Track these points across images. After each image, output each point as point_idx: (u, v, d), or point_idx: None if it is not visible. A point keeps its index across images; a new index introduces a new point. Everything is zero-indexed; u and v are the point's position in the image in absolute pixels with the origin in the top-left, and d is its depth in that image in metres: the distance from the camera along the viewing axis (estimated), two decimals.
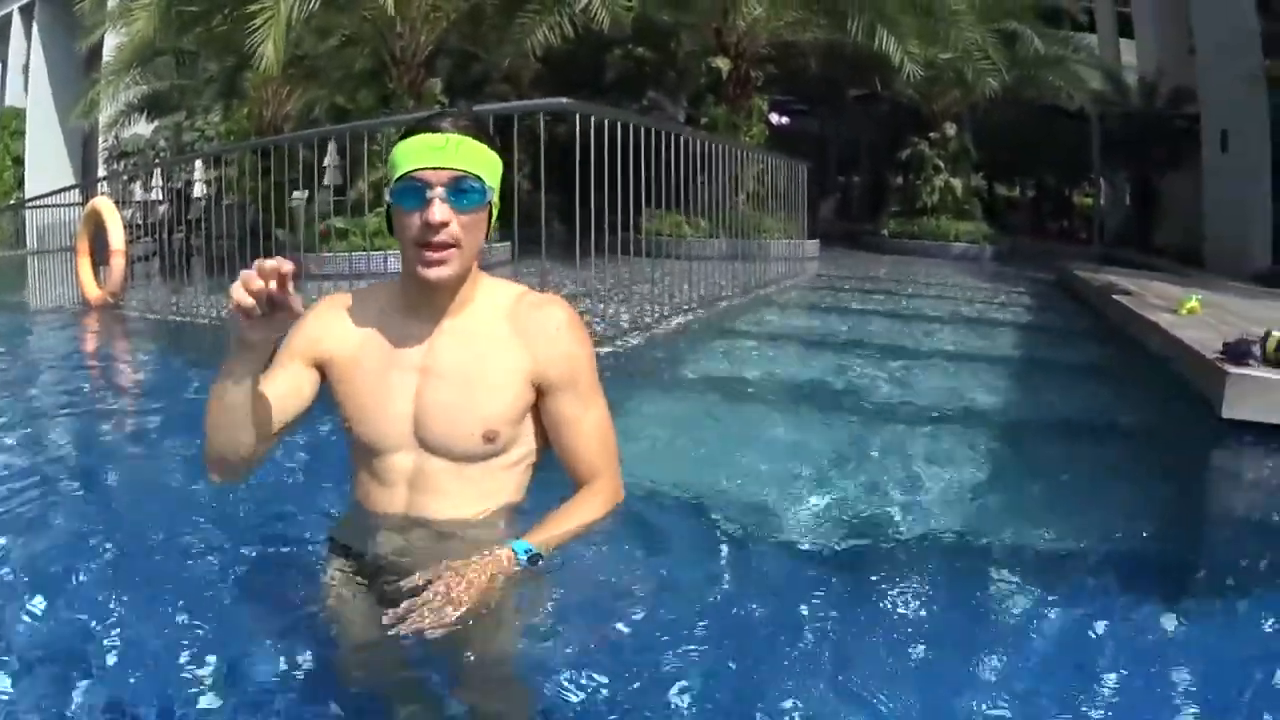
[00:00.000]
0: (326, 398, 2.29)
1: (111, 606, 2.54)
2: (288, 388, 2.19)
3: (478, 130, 2.12)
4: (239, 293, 1.76)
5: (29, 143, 53.27)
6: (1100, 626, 2.61)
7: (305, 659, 2.15)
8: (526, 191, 14.29)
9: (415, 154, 2.07)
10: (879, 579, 2.94)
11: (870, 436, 5.01)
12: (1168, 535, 3.73)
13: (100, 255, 12.91)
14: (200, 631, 2.33)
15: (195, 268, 13.98)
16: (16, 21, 59.40)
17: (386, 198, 2.15)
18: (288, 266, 1.77)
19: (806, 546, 3.24)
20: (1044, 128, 29.02)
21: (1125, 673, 2.39)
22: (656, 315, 8.88)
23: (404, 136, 2.13)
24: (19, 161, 52.44)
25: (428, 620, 1.85)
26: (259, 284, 1.76)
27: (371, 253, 11.77)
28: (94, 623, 2.43)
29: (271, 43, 13.20)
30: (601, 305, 9.17)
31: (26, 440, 5.01)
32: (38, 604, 2.54)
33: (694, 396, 6.15)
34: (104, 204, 13.17)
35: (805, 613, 2.61)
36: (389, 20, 14.78)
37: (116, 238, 12.25)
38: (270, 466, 2.79)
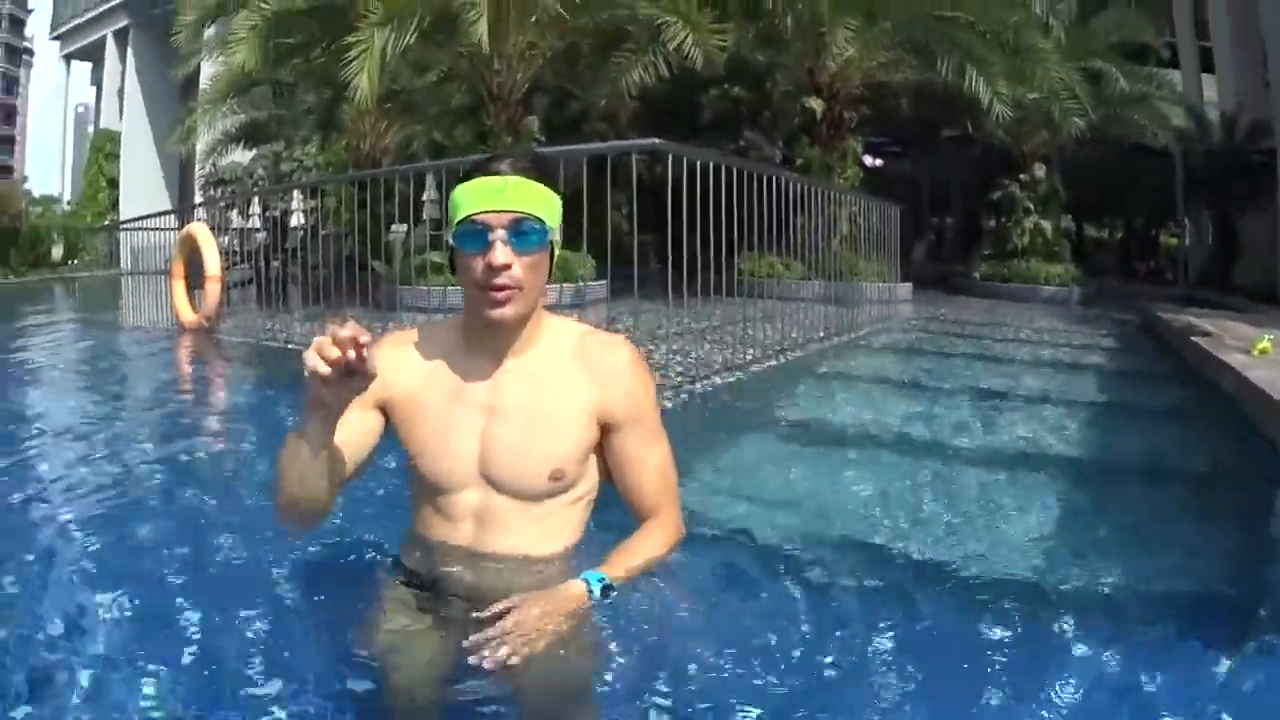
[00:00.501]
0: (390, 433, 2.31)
1: (183, 615, 2.66)
2: (357, 432, 2.18)
3: (537, 171, 2.14)
4: (313, 360, 1.76)
5: (124, 166, 54.54)
6: (1168, 668, 2.60)
7: (361, 681, 2.17)
8: (624, 231, 14.46)
9: (476, 197, 2.09)
10: (956, 619, 2.98)
11: (953, 478, 5.00)
12: (1234, 579, 3.64)
13: (195, 279, 13.18)
14: (261, 644, 2.43)
15: (292, 295, 14.15)
16: (111, 46, 60.94)
17: (448, 240, 2.16)
18: (365, 337, 1.76)
19: (883, 586, 3.22)
20: (1130, 167, 28.76)
21: (1188, 715, 2.39)
22: (749, 357, 8.84)
23: (464, 179, 2.15)
24: (114, 184, 53.71)
25: (503, 651, 1.87)
26: (335, 353, 1.74)
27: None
28: (165, 629, 2.57)
29: (365, 75, 13.43)
30: (695, 345, 9.20)
31: (118, 450, 5.29)
32: (115, 608, 2.70)
33: (782, 437, 6.15)
34: (200, 230, 13.41)
35: (880, 651, 2.62)
36: (485, 57, 14.90)
37: (212, 263, 12.48)
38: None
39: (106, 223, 48.87)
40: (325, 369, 1.75)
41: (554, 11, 13.87)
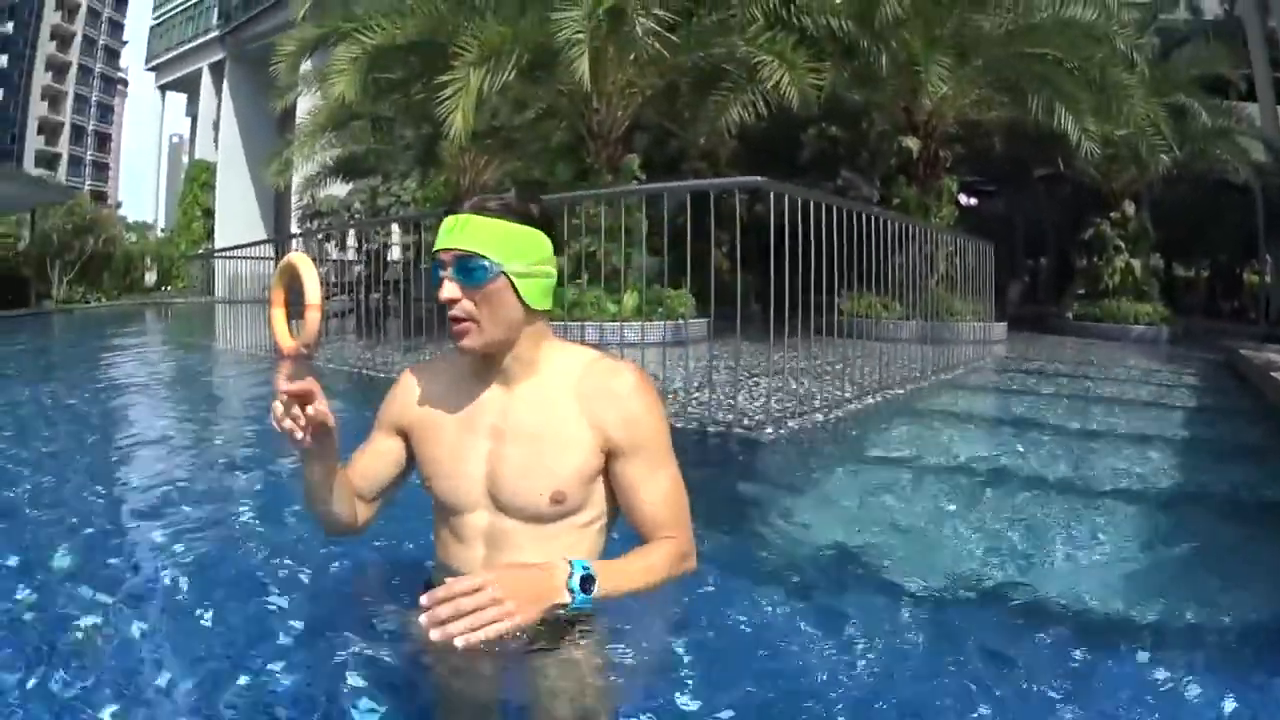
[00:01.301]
0: None
1: (257, 625, 2.99)
2: (378, 458, 2.40)
3: (501, 209, 2.19)
4: (286, 425, 1.98)
5: (219, 195, 55.86)
6: (1248, 697, 2.73)
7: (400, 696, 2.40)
8: (725, 270, 14.58)
9: (439, 235, 2.22)
10: (1041, 648, 3.11)
11: (1044, 511, 5.19)
12: None
13: (293, 308, 13.50)
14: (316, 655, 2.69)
15: (390, 327, 14.45)
16: (206, 78, 62.53)
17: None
18: (298, 388, 1.93)
19: (973, 613, 3.44)
20: (1213, 204, 28.44)
21: None
22: (849, 394, 9.00)
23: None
24: (209, 213, 55.05)
25: (455, 629, 1.81)
26: (288, 424, 1.97)
27: (569, 323, 12.02)
28: (242, 637, 2.87)
29: (461, 112, 13.65)
30: (795, 383, 9.37)
31: (217, 463, 5.89)
32: (199, 622, 3.00)
33: (882, 471, 6.33)
34: (301, 259, 13.65)
35: (968, 677, 2.82)
36: (584, 95, 15.13)
37: (313, 293, 12.75)
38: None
39: (201, 250, 49.88)
40: (299, 434, 1.99)
41: (652, 51, 14.05)
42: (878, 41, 16.54)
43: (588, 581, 1.99)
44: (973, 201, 28.38)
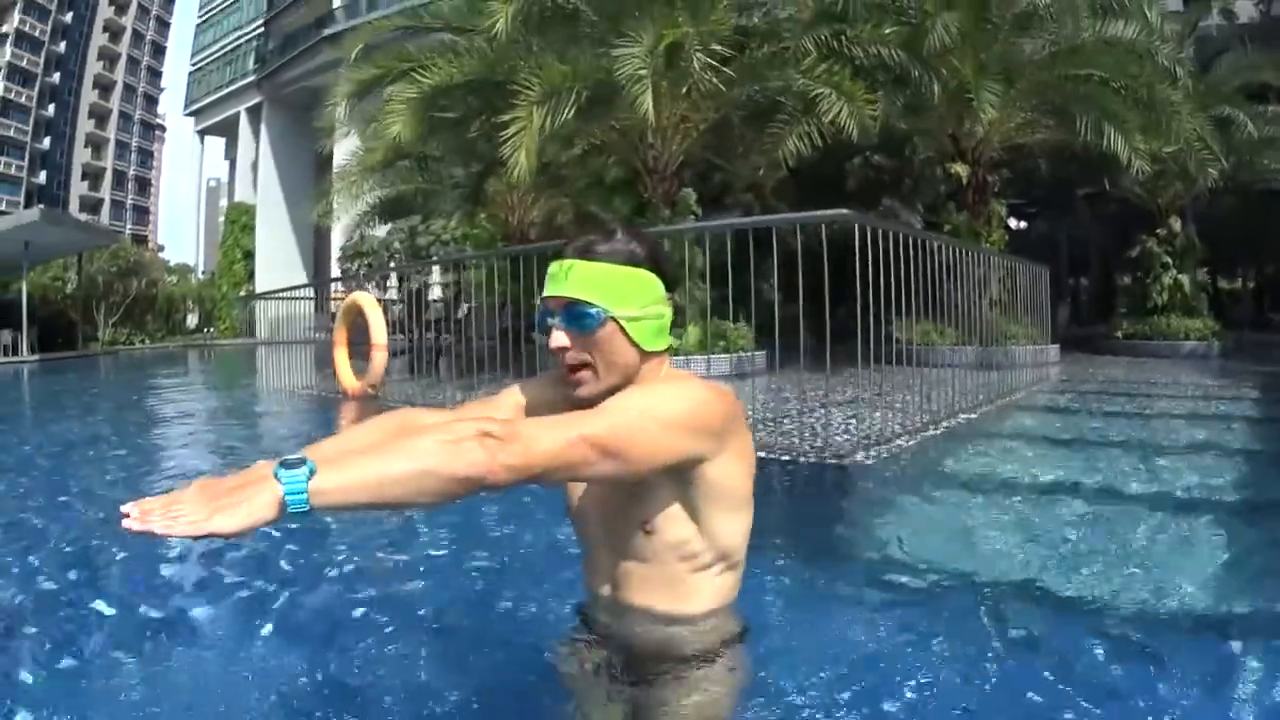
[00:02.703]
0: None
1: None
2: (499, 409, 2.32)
3: (608, 253, 2.16)
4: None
5: (259, 238, 56.49)
6: None
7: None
8: (780, 302, 14.55)
9: (546, 281, 2.18)
10: (1116, 650, 3.31)
11: (1122, 523, 5.42)
12: None
13: (355, 348, 13.68)
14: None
15: (441, 365, 14.55)
16: (244, 122, 63.37)
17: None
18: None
19: (1060, 622, 3.69)
20: (1260, 213, 28.18)
21: None
22: (923, 421, 9.10)
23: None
24: (249, 255, 55.65)
25: (156, 522, 1.57)
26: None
27: None
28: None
29: (524, 151, 13.69)
30: (866, 412, 9.49)
31: None
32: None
33: (976, 495, 6.53)
34: (365, 299, 13.83)
35: (1049, 681, 3.01)
36: (640, 130, 15.32)
37: (379, 333, 12.91)
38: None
39: (243, 293, 50.44)
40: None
41: (708, 85, 14.19)
42: (927, 69, 16.65)
43: (296, 464, 1.64)
44: (1022, 225, 28.34)
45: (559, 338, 2.13)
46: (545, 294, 2.17)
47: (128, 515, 1.58)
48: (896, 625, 3.58)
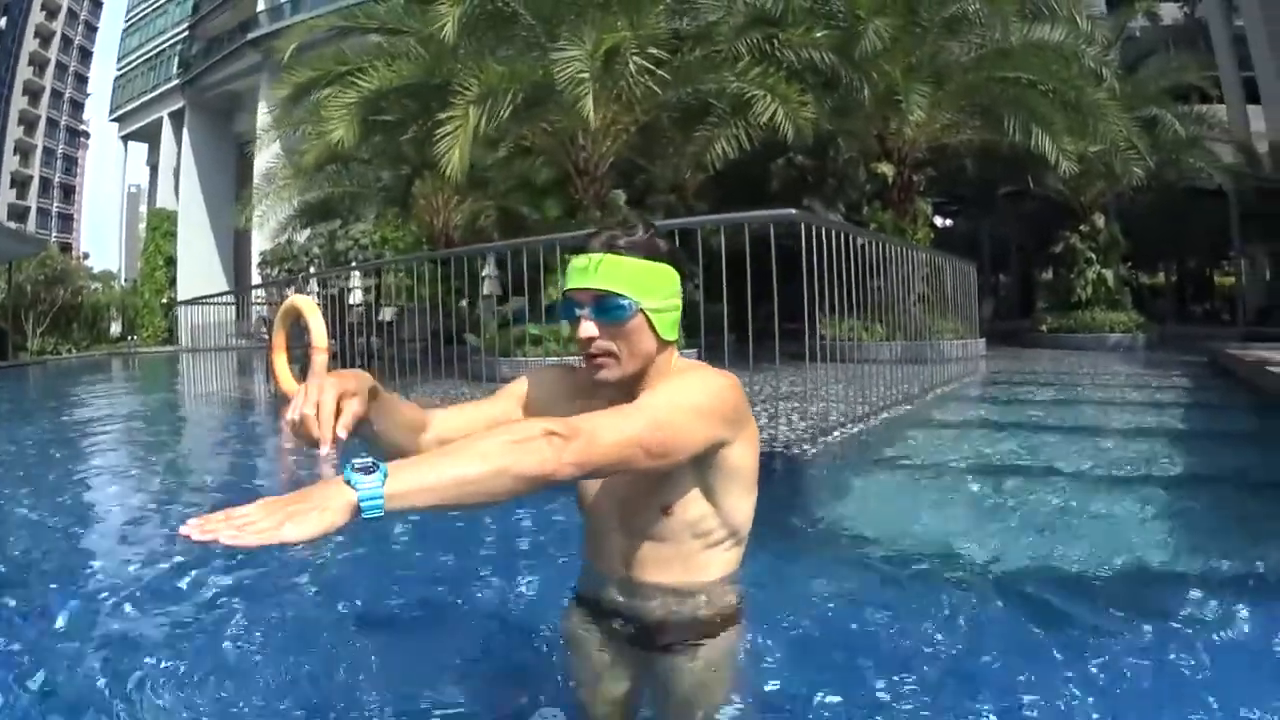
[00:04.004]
0: None
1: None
2: (498, 414, 2.35)
3: (630, 247, 2.24)
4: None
5: (180, 244, 55.69)
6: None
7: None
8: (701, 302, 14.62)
9: (571, 274, 2.25)
10: (1042, 612, 3.50)
11: (1063, 499, 5.68)
12: None
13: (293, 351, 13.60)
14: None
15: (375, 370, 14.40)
16: (167, 127, 62.41)
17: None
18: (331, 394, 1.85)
19: (996, 589, 3.88)
20: (1183, 210, 28.82)
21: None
22: (863, 413, 9.19)
23: (575, 252, 2.30)
24: (171, 261, 54.83)
25: (222, 532, 1.54)
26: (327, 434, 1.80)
27: (567, 358, 11.80)
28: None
29: (458, 150, 13.61)
30: (805, 406, 9.50)
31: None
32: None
33: (895, 479, 6.92)
34: (305, 302, 13.67)
35: (1001, 647, 3.14)
36: (572, 132, 15.30)
37: (320, 336, 12.82)
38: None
39: (165, 300, 49.92)
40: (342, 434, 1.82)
41: (643, 88, 14.19)
42: (858, 72, 16.86)
43: (369, 469, 1.65)
44: (948, 223, 28.66)
45: (588, 328, 2.20)
46: (572, 286, 2.24)
47: (187, 533, 1.54)
48: (853, 599, 3.72)
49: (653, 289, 2.26)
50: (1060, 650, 3.06)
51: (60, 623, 3.50)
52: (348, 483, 1.62)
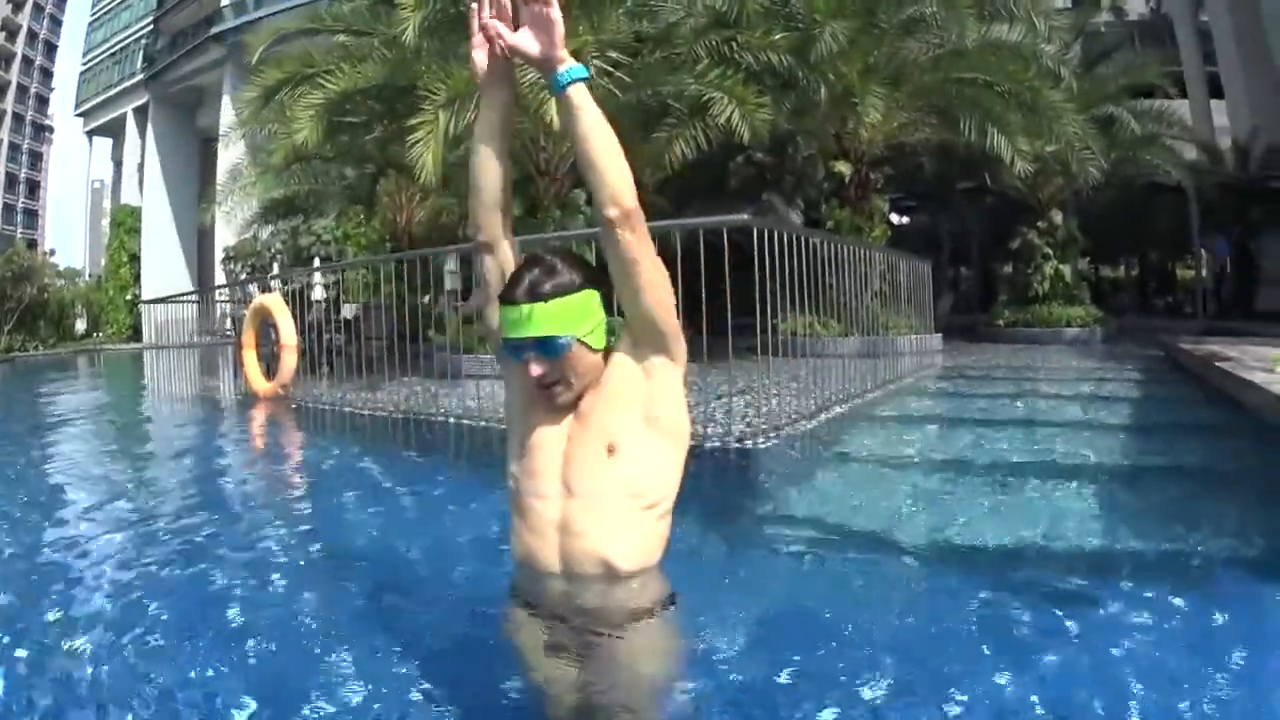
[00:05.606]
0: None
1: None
2: None
3: (554, 290, 2.50)
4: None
5: (144, 240, 55.29)
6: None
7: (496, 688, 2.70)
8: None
9: (506, 324, 2.52)
10: (1018, 598, 3.62)
11: (1023, 488, 5.94)
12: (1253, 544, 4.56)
13: (262, 349, 13.73)
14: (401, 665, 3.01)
15: (338, 364, 14.45)
16: (131, 124, 61.95)
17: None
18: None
19: (956, 578, 4.03)
20: (1144, 206, 29.23)
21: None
22: (817, 406, 9.39)
23: (500, 299, 2.58)
24: (135, 258, 54.43)
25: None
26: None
27: None
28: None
29: (431, 154, 13.67)
30: (760, 400, 9.67)
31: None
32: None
33: (851, 471, 7.08)
34: (273, 301, 13.76)
35: (958, 630, 3.32)
36: (533, 133, 15.35)
37: (288, 334, 12.88)
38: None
39: (129, 297, 49.69)
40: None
41: (604, 90, 14.25)
42: (815, 74, 17.00)
43: (578, 72, 2.47)
44: (904, 220, 28.83)
45: (536, 368, 2.51)
46: (511, 335, 2.52)
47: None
48: (803, 588, 3.89)
49: (580, 319, 2.53)
50: (1000, 634, 3.22)
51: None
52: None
